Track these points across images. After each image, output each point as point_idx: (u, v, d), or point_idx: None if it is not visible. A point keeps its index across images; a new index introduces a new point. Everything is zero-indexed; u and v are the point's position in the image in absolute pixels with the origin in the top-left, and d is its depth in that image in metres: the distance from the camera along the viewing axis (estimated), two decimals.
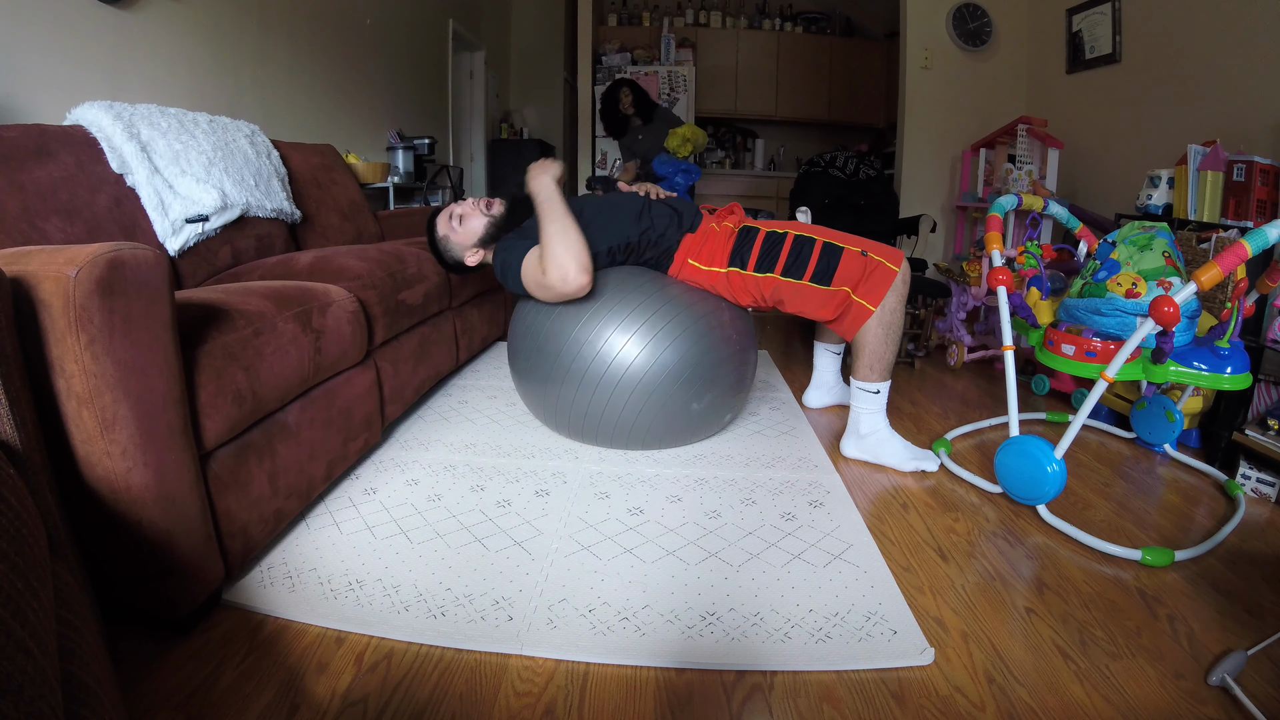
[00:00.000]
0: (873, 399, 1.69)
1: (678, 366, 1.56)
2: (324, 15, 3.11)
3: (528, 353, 1.68)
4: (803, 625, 1.07)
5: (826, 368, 2.17)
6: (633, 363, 1.54)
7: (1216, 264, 1.21)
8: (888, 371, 1.66)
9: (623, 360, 1.54)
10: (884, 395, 1.69)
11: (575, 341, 1.57)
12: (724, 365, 1.64)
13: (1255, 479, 1.59)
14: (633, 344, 1.54)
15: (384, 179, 3.22)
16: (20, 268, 0.81)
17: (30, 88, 1.70)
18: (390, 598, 1.12)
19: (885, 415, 1.72)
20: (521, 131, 5.98)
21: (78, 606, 0.63)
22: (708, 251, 1.70)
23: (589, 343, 1.55)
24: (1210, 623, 1.11)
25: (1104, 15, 3.24)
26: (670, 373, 1.56)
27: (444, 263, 1.90)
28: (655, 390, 1.56)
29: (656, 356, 1.54)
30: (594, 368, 1.56)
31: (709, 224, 1.75)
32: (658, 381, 1.55)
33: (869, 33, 6.17)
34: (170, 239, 1.64)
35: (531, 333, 1.66)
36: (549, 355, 1.61)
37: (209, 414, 1.04)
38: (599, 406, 1.59)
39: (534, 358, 1.65)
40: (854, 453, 1.74)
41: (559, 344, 1.59)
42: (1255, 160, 2.08)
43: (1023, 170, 3.25)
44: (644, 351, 1.54)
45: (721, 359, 1.63)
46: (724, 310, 1.69)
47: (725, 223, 1.74)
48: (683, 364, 1.56)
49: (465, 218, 1.80)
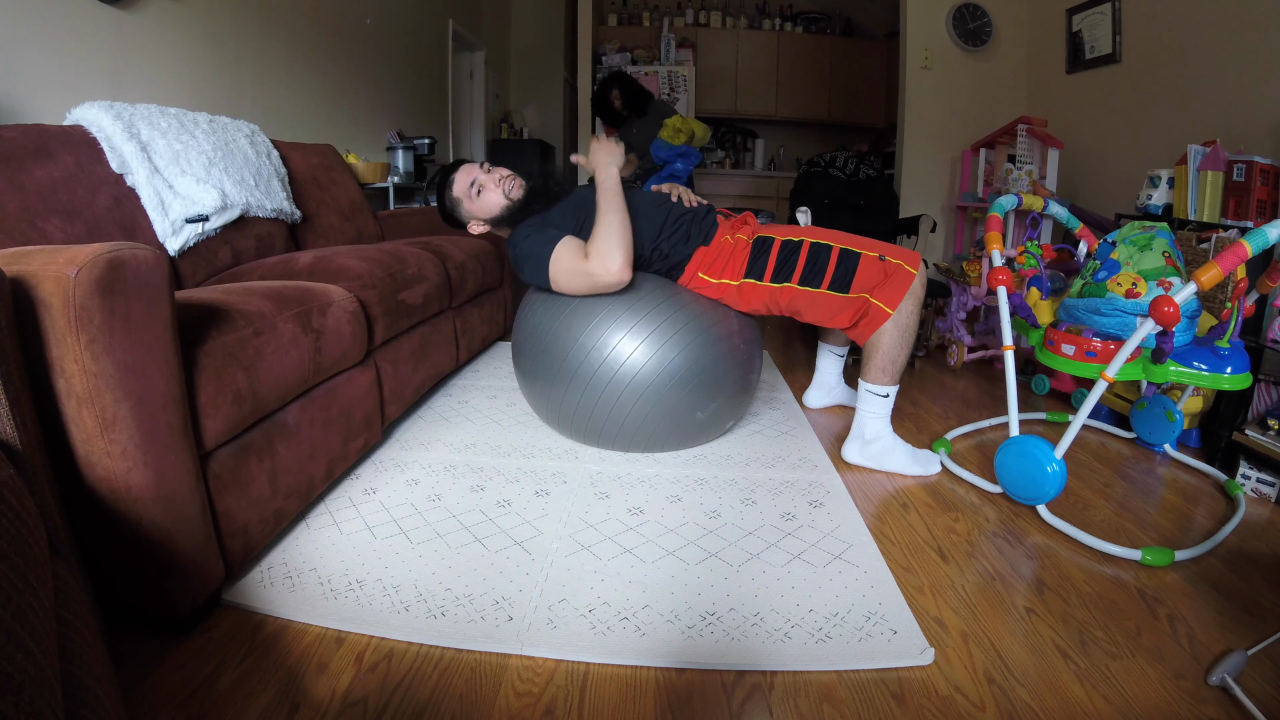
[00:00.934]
0: (881, 403, 1.68)
1: (685, 374, 1.56)
2: (324, 15, 3.11)
3: (533, 353, 1.67)
4: (803, 625, 1.07)
5: (829, 369, 2.16)
6: (641, 369, 1.54)
7: (1216, 264, 1.21)
8: (899, 375, 1.65)
9: (631, 366, 1.54)
10: (892, 399, 1.68)
11: (583, 345, 1.56)
12: (730, 374, 1.65)
13: (1255, 479, 1.59)
14: (641, 350, 1.53)
15: (384, 179, 3.22)
16: (20, 268, 0.81)
17: (30, 88, 1.70)
18: (390, 598, 1.12)
19: (889, 420, 1.71)
20: (521, 131, 5.98)
21: (78, 606, 0.63)
22: (719, 265, 1.69)
23: (596, 347, 1.55)
24: (1210, 623, 1.11)
25: (1104, 15, 3.24)
26: (677, 380, 1.55)
27: (444, 214, 1.86)
28: (661, 397, 1.56)
29: (664, 363, 1.54)
30: (601, 372, 1.55)
31: (723, 235, 1.72)
32: (664, 388, 1.55)
33: (869, 33, 6.17)
34: (170, 239, 1.64)
35: (538, 333, 1.65)
36: (555, 356, 1.60)
37: (209, 414, 1.04)
38: (604, 410, 1.59)
39: (540, 358, 1.65)
40: (857, 459, 1.72)
41: (566, 346, 1.58)
42: (1255, 160, 2.08)
43: (1023, 170, 3.25)
44: (652, 358, 1.54)
45: (728, 367, 1.63)
46: (732, 319, 1.68)
47: (739, 235, 1.72)
48: (690, 371, 1.56)
49: (484, 191, 1.74)
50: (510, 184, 1.75)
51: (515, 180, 1.76)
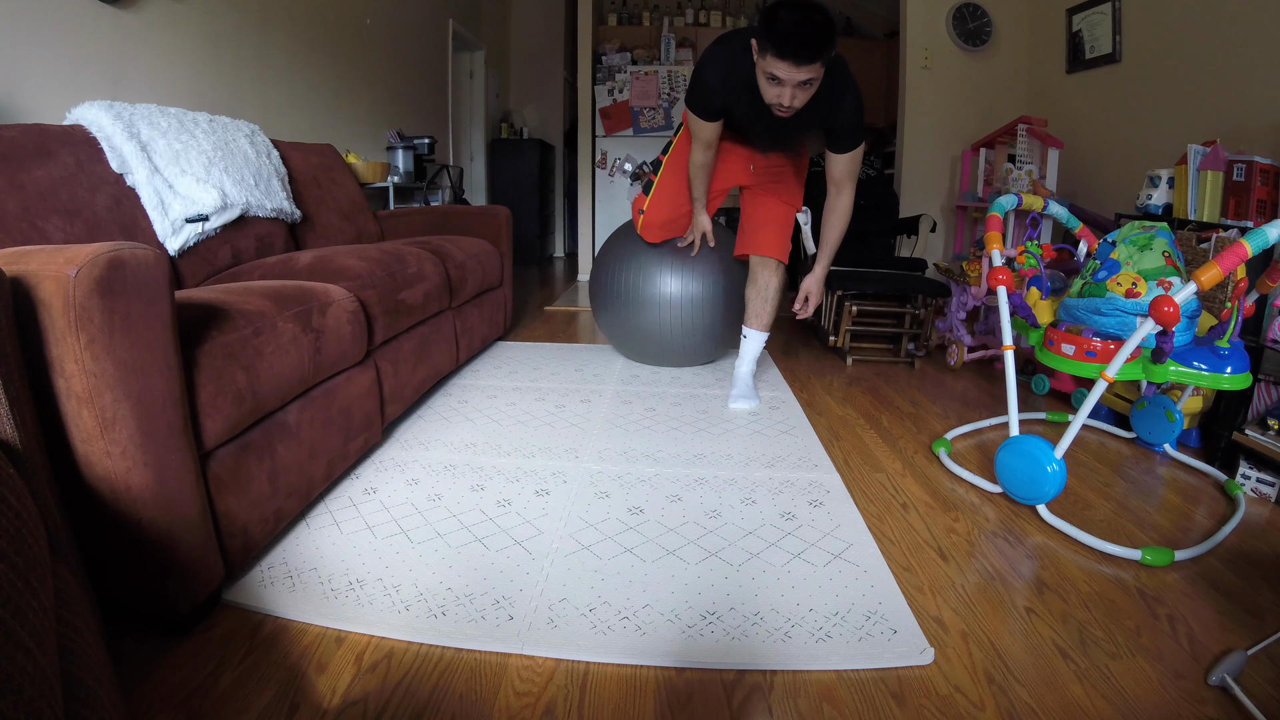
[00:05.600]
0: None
1: (702, 298, 2.32)
2: (324, 15, 3.11)
3: (610, 291, 2.42)
4: (803, 625, 1.07)
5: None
6: (677, 296, 2.32)
7: (1216, 264, 1.21)
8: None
9: (672, 294, 2.31)
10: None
11: (643, 282, 2.34)
12: (728, 295, 2.35)
13: (1255, 479, 1.59)
14: (678, 284, 2.31)
15: (384, 179, 3.22)
16: (20, 267, 0.81)
17: (30, 87, 1.70)
18: (390, 597, 1.12)
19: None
20: (521, 131, 5.99)
21: (78, 606, 0.63)
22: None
23: (651, 283, 2.32)
24: (1210, 623, 1.11)
25: (1104, 15, 3.24)
26: (699, 302, 2.32)
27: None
28: (688, 314, 2.33)
29: (691, 292, 2.32)
30: (653, 298, 2.33)
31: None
32: (691, 308, 2.32)
33: (869, 33, 6.17)
34: (170, 239, 1.64)
35: (614, 277, 2.40)
36: (625, 291, 2.37)
37: (209, 413, 1.04)
38: (653, 326, 2.37)
39: (615, 293, 2.41)
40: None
41: (635, 283, 2.36)
42: (1255, 160, 2.08)
43: (1023, 170, 3.25)
44: (683, 289, 2.31)
45: (724, 289, 2.35)
46: (724, 265, 2.35)
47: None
48: (706, 295, 2.32)
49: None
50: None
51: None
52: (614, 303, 2.41)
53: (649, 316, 2.33)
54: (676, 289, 2.30)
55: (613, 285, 2.40)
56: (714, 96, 1.81)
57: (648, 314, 2.33)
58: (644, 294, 2.32)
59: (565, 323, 3.45)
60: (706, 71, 1.79)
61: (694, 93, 1.85)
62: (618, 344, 2.59)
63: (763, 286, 2.17)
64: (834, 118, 1.78)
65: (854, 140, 1.84)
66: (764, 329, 2.21)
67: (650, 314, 2.33)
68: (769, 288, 2.17)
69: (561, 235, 6.94)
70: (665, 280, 2.30)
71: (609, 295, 2.42)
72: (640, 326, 2.37)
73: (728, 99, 1.80)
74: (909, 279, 2.82)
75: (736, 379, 2.22)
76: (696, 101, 1.86)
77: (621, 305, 2.38)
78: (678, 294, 2.30)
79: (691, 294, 2.30)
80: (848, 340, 2.78)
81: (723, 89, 1.78)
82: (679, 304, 2.31)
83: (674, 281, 2.29)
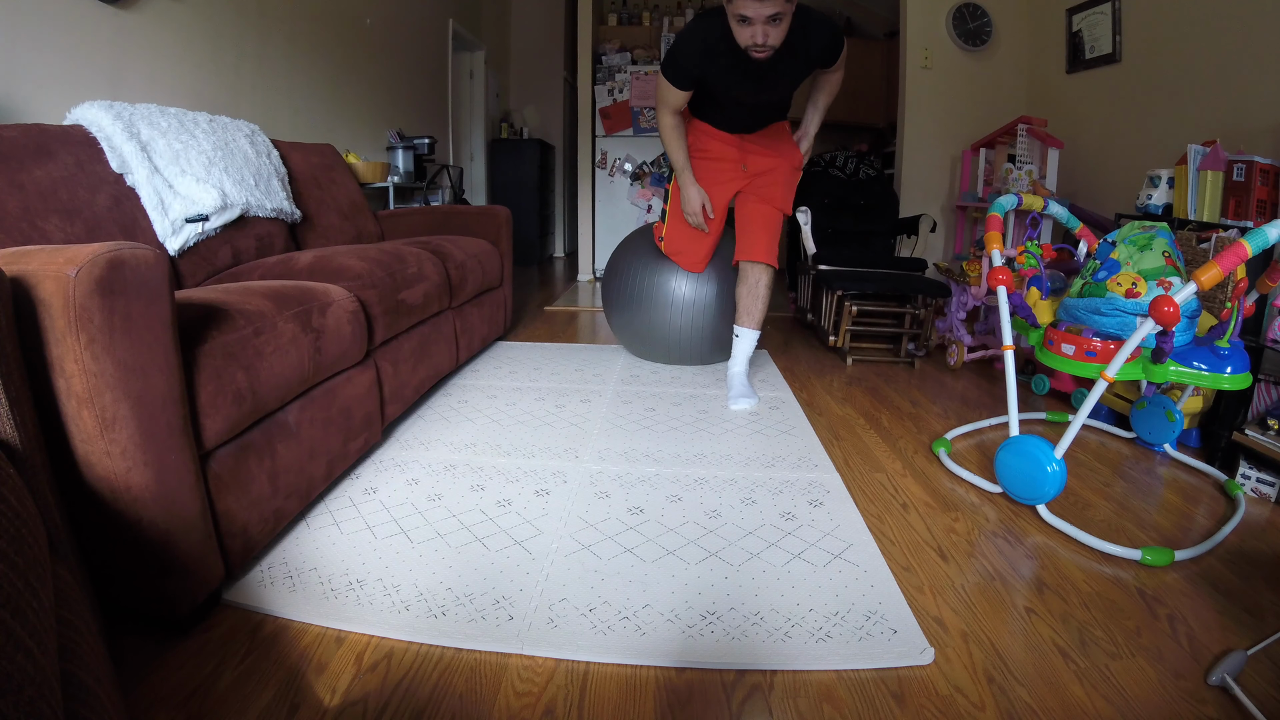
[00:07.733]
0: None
1: (706, 299, 2.44)
2: (324, 15, 3.11)
3: (622, 291, 2.55)
4: (803, 625, 1.07)
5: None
6: (686, 297, 2.44)
7: (1216, 264, 1.21)
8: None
9: (682, 295, 2.44)
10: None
11: (654, 283, 2.46)
12: (730, 300, 2.44)
13: (1255, 479, 1.59)
14: (686, 287, 2.43)
15: (384, 179, 3.22)
16: (20, 267, 0.81)
17: (30, 87, 1.70)
18: (390, 597, 1.12)
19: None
20: (521, 131, 5.99)
21: (78, 606, 0.63)
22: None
23: (662, 284, 2.45)
24: (1210, 623, 1.11)
25: (1104, 15, 3.24)
26: (702, 304, 2.44)
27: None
28: (694, 314, 2.45)
29: (696, 293, 2.43)
30: (663, 299, 2.45)
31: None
32: (696, 309, 2.44)
33: (869, 33, 6.16)
34: (170, 239, 1.64)
35: (627, 277, 2.53)
36: (637, 292, 2.50)
37: (209, 413, 1.04)
38: (662, 324, 2.48)
39: (626, 293, 2.54)
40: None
41: (646, 285, 2.48)
42: (1255, 160, 2.08)
43: (1023, 170, 3.25)
44: (690, 290, 2.44)
45: (730, 296, 2.44)
46: (721, 267, 2.46)
47: None
48: (710, 297, 2.44)
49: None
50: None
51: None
52: (627, 303, 2.54)
53: (659, 317, 2.47)
54: (689, 293, 2.43)
55: (628, 286, 2.53)
56: (692, 65, 1.89)
57: (658, 315, 2.47)
58: (656, 296, 2.46)
59: (565, 322, 3.45)
60: (685, 42, 1.87)
61: (670, 61, 1.92)
62: (627, 342, 2.71)
63: (753, 284, 2.22)
64: (811, 50, 1.87)
65: (836, 53, 1.96)
66: (755, 327, 2.26)
67: (661, 314, 2.46)
68: (759, 284, 2.22)
69: (561, 235, 6.94)
70: (678, 284, 2.44)
71: (623, 295, 2.55)
72: (650, 326, 2.51)
73: (705, 65, 1.87)
74: (909, 279, 2.82)
75: (732, 380, 2.24)
76: (672, 69, 1.93)
77: (635, 305, 2.52)
78: (689, 297, 2.43)
79: (700, 297, 2.43)
80: (848, 340, 2.78)
81: (701, 57, 1.86)
82: (689, 306, 2.44)
83: (685, 286, 2.44)
